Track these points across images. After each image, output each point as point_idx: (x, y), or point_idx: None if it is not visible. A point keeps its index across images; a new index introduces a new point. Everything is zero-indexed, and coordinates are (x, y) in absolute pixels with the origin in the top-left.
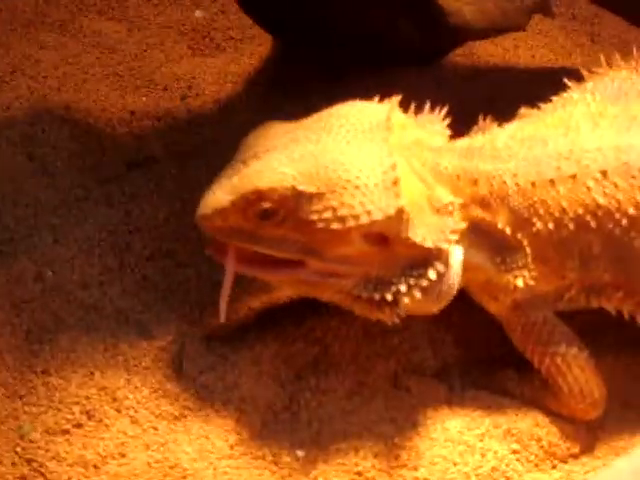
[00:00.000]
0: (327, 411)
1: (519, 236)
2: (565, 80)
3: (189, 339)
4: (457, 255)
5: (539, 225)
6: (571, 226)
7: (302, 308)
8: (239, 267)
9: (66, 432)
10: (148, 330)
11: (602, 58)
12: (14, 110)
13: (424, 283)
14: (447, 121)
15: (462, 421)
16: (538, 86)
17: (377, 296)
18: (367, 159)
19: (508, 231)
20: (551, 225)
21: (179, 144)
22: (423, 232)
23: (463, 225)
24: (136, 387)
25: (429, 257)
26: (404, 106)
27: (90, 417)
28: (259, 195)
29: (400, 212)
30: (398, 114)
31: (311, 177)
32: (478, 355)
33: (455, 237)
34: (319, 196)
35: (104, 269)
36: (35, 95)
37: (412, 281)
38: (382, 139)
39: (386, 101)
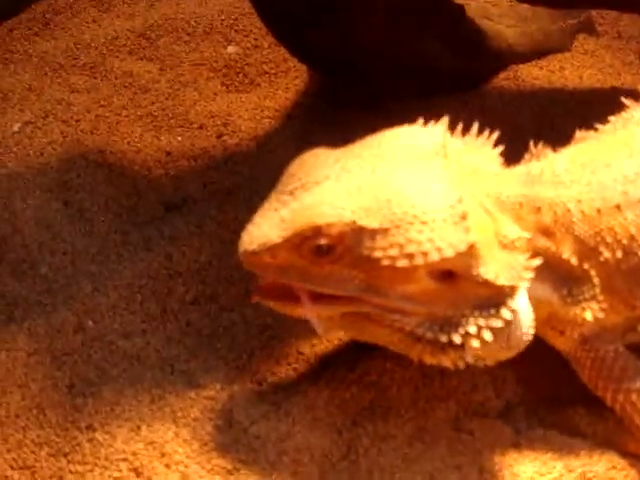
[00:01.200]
0: (388, 459)
1: (586, 266)
2: (623, 99)
3: (238, 387)
4: (523, 296)
5: (606, 254)
6: None
7: (354, 351)
8: (281, 305)
9: None
10: (195, 379)
11: None
12: (47, 156)
13: (497, 324)
14: (499, 148)
15: (532, 465)
16: (587, 108)
17: (443, 338)
18: (431, 191)
19: (574, 261)
20: (619, 253)
21: (217, 183)
22: (495, 269)
23: (537, 262)
24: (185, 440)
25: (500, 296)
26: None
27: (138, 474)
28: (316, 231)
29: (471, 248)
30: (451, 139)
31: (373, 212)
32: (543, 393)
33: (529, 275)
34: (383, 232)
35: (146, 316)
36: (68, 140)
37: (482, 322)
38: (441, 167)
39: (432, 123)
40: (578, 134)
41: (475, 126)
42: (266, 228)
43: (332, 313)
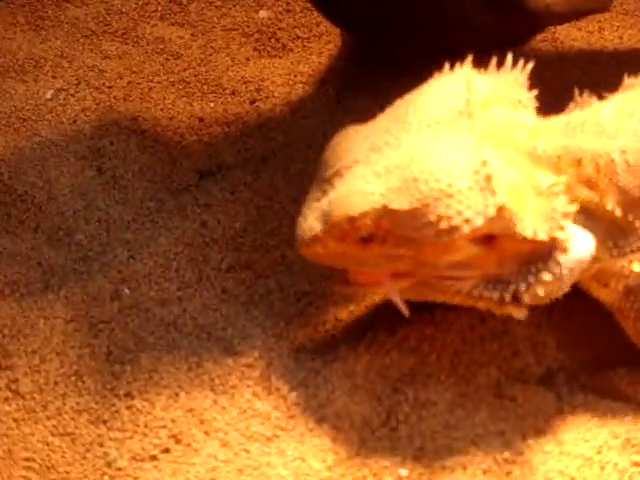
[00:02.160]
0: (428, 426)
1: (630, 217)
2: None
3: (276, 354)
4: (580, 235)
5: None
6: None
7: (392, 316)
8: (344, 286)
9: (154, 458)
10: (232, 346)
11: None
12: (81, 123)
13: (546, 277)
14: (534, 92)
15: (576, 432)
16: (628, 69)
17: (496, 296)
18: (455, 160)
19: (618, 212)
20: None
21: (251, 150)
22: (533, 224)
23: (574, 207)
24: (224, 408)
25: (545, 248)
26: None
27: (178, 441)
28: (351, 221)
29: (501, 210)
30: (477, 89)
31: (402, 193)
32: (583, 357)
33: (568, 222)
34: (414, 212)
35: (182, 284)
36: (101, 107)
37: (532, 278)
38: (467, 129)
39: (458, 68)
40: (627, 81)
41: (509, 56)
42: (311, 220)
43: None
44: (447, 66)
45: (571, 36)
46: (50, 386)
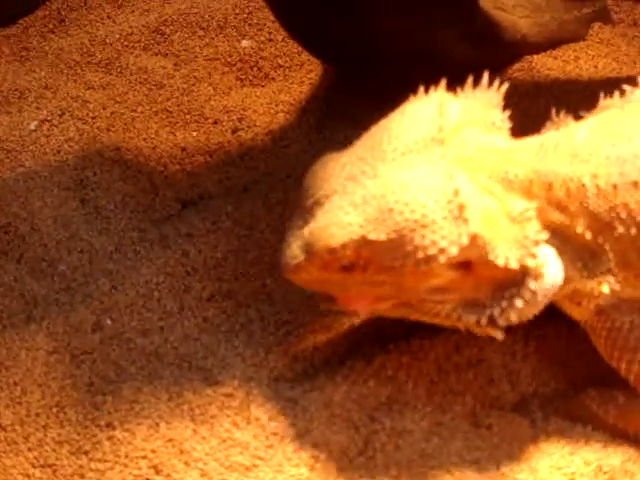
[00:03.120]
0: (405, 455)
1: (600, 240)
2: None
3: (256, 383)
4: (551, 258)
5: (621, 229)
6: None
7: (370, 345)
8: (330, 304)
9: None
10: (212, 376)
11: None
12: (64, 154)
13: (519, 304)
14: (507, 113)
15: (550, 460)
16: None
17: (472, 319)
18: (428, 190)
19: (588, 236)
20: (634, 230)
21: (233, 179)
22: (505, 251)
23: (545, 235)
24: (203, 437)
25: (518, 275)
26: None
27: (158, 472)
28: (332, 252)
29: (475, 239)
30: (449, 114)
31: (378, 223)
32: (557, 383)
33: (539, 249)
34: (391, 242)
35: (164, 314)
36: (84, 137)
37: (505, 303)
38: (439, 157)
39: (432, 91)
40: (602, 102)
41: (485, 77)
42: (294, 248)
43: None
44: (422, 90)
45: (547, 65)
46: (32, 418)
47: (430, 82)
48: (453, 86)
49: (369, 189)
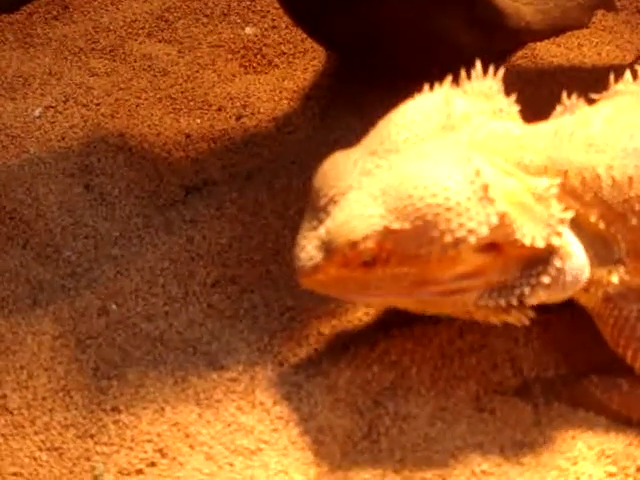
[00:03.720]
0: (409, 439)
1: (613, 230)
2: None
3: (260, 368)
4: (574, 242)
5: (634, 221)
6: None
7: (374, 331)
8: (356, 297)
9: (140, 472)
10: (217, 361)
11: None
12: (69, 140)
13: (546, 280)
14: (513, 97)
15: (552, 444)
16: (606, 85)
17: (502, 302)
18: (448, 173)
19: (601, 225)
20: None
21: (237, 165)
22: (531, 230)
23: (570, 214)
24: (209, 421)
25: (544, 253)
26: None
27: (163, 455)
28: (354, 246)
29: (503, 217)
30: (456, 104)
31: (400, 212)
32: (560, 368)
33: (564, 228)
34: (415, 230)
35: (168, 299)
36: (89, 124)
37: (533, 280)
38: (453, 142)
39: (437, 87)
40: (615, 86)
41: (478, 66)
42: (310, 249)
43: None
44: (426, 87)
45: (550, 52)
46: (38, 401)
47: (436, 70)
48: (458, 73)
49: (386, 181)
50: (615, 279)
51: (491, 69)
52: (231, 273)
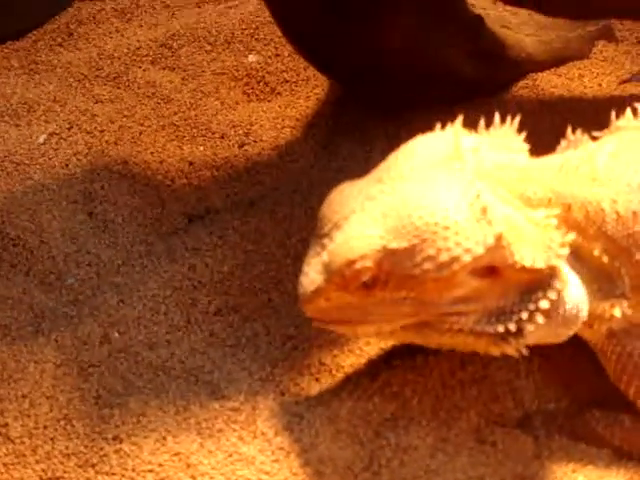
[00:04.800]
0: (410, 470)
1: (617, 264)
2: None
3: (262, 398)
4: (573, 279)
5: (638, 256)
6: None
7: (375, 361)
8: (356, 326)
9: None
10: (219, 390)
11: None
12: (72, 167)
13: (545, 305)
14: (523, 134)
15: (553, 477)
16: (607, 116)
17: (501, 328)
18: (448, 194)
19: (605, 259)
20: None
21: (240, 193)
22: (530, 252)
23: (572, 236)
24: (210, 451)
25: (544, 277)
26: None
27: None
28: (351, 265)
29: (500, 238)
30: (467, 138)
31: (398, 231)
32: (561, 400)
33: (565, 251)
34: (413, 249)
35: (171, 327)
36: (93, 150)
37: (532, 306)
38: (457, 170)
39: (448, 126)
40: (617, 122)
41: (496, 115)
42: (312, 274)
43: (393, 328)
44: (438, 125)
45: (551, 83)
46: (40, 430)
47: (438, 100)
48: (460, 104)
49: (388, 203)
50: (618, 313)
51: (508, 118)
52: (233, 301)
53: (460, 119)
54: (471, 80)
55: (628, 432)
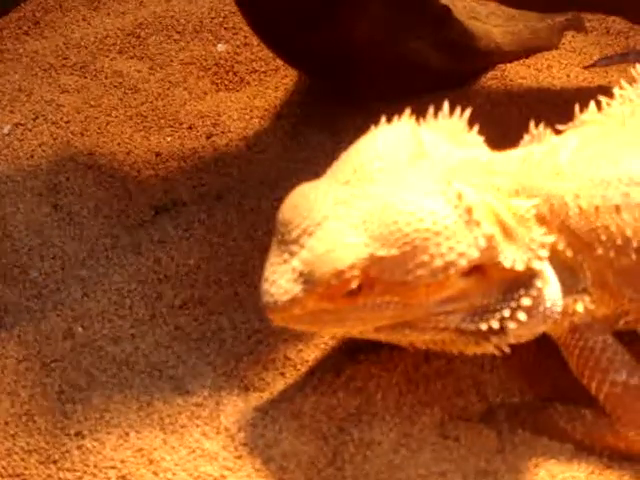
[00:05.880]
0: (373, 466)
1: (579, 259)
2: (600, 97)
3: (226, 393)
4: (551, 272)
5: (600, 251)
6: (633, 256)
7: (340, 355)
8: (330, 329)
9: None
10: (183, 385)
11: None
12: (38, 158)
13: (527, 302)
14: (475, 127)
15: (516, 472)
16: (575, 106)
17: (484, 326)
18: (431, 197)
19: (569, 254)
20: (612, 253)
21: (206, 185)
22: (512, 254)
23: (552, 238)
24: (173, 447)
25: (525, 276)
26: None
27: None
28: (339, 276)
29: (490, 239)
30: (425, 133)
31: (385, 238)
32: (524, 394)
33: (545, 253)
34: (403, 256)
35: (135, 321)
36: (58, 141)
37: (514, 304)
38: (428, 168)
39: (395, 120)
40: (581, 116)
41: (446, 106)
42: (284, 283)
43: (366, 330)
44: (383, 119)
45: (520, 74)
46: (0, 426)
47: (406, 90)
48: (427, 95)
49: (365, 209)
50: (580, 308)
51: (458, 110)
52: (199, 295)
53: (407, 113)
54: (439, 71)
55: (590, 426)
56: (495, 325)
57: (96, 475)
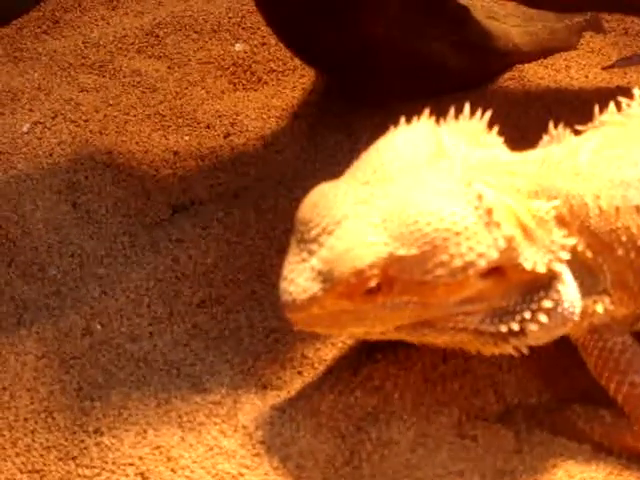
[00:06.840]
0: (390, 465)
1: (599, 260)
2: (620, 98)
3: (244, 391)
4: (566, 271)
5: (620, 252)
6: None
7: (357, 354)
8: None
9: None
10: (201, 383)
11: None
12: (56, 157)
13: (548, 304)
14: (495, 128)
15: (533, 472)
16: (594, 107)
17: (504, 328)
18: (451, 198)
19: (589, 254)
20: (633, 254)
21: (224, 184)
22: (533, 255)
23: (573, 241)
24: (191, 445)
25: (545, 278)
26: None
27: (145, 479)
28: (359, 274)
29: (510, 240)
30: (443, 134)
31: (405, 238)
32: (542, 395)
33: (566, 255)
34: (423, 255)
35: (153, 319)
36: (77, 140)
37: (534, 306)
38: (447, 169)
39: (415, 120)
40: (601, 117)
41: (467, 108)
42: (302, 282)
43: (386, 329)
44: (403, 119)
45: (538, 74)
46: (20, 422)
47: (425, 90)
48: (445, 95)
49: (385, 208)
50: (600, 309)
51: (479, 112)
52: (216, 293)
53: (427, 112)
54: (457, 71)
55: (608, 427)
56: (515, 327)
57: (114, 472)
